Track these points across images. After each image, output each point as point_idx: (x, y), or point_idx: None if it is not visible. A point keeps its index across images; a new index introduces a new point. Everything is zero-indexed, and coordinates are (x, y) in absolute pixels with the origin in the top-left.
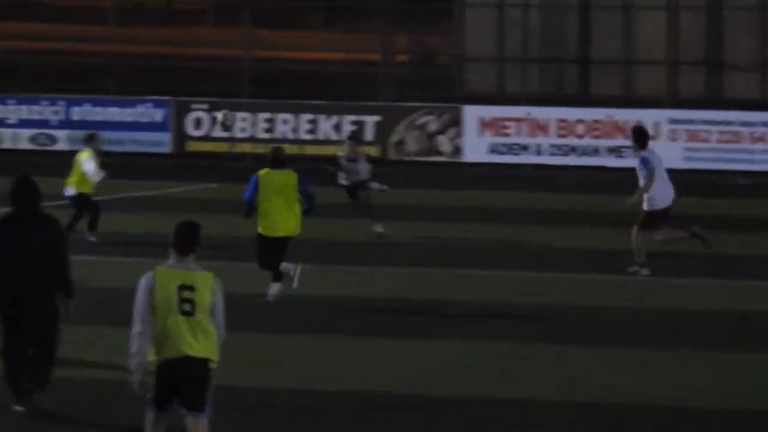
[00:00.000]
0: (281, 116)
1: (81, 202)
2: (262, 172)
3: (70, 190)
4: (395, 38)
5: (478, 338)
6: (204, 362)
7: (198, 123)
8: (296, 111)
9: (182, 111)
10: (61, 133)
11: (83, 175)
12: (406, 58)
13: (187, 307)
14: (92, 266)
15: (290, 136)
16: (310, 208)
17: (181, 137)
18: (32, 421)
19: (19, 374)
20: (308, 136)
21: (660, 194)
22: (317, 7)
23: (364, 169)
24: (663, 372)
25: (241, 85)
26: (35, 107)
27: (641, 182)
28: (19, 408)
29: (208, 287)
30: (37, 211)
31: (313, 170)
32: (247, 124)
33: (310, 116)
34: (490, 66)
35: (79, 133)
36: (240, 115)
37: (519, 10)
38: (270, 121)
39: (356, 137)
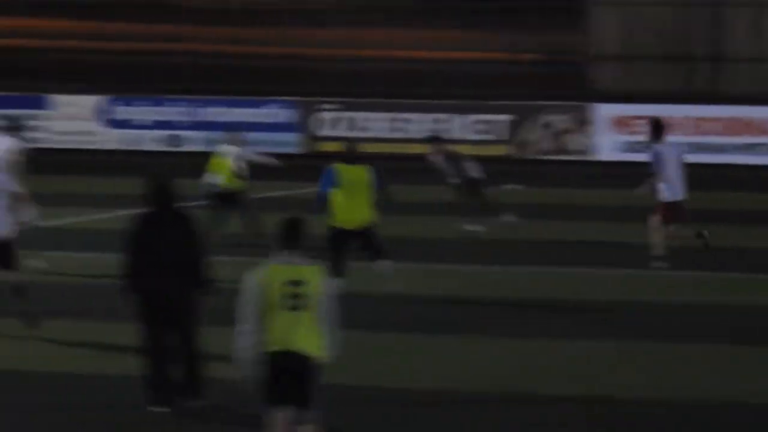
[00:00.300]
0: (412, 116)
1: (226, 200)
2: (338, 165)
3: (217, 188)
4: (526, 37)
5: (600, 337)
6: (310, 358)
7: (327, 123)
8: (427, 111)
9: (311, 112)
10: (191, 135)
11: (232, 173)
12: (536, 57)
13: (295, 302)
14: (224, 265)
15: (420, 135)
16: (386, 199)
17: (310, 138)
18: (178, 421)
19: (159, 374)
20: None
21: (669, 187)
22: (449, 7)
23: (471, 166)
24: None
25: (371, 86)
26: (165, 109)
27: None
28: (157, 409)
29: (316, 281)
30: (175, 211)
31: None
32: (377, 124)
33: (440, 116)
34: (618, 64)
35: (210, 135)
36: (371, 115)
37: (648, 8)
38: (401, 120)
39: (437, 138)
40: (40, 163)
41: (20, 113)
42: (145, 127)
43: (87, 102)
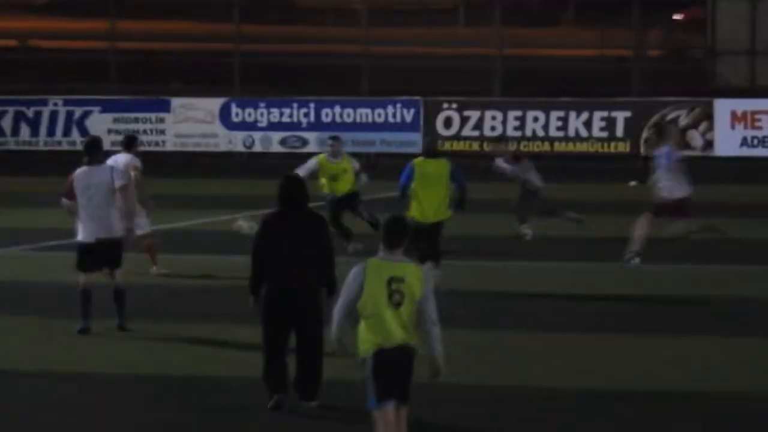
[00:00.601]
0: (531, 114)
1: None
2: (418, 160)
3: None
4: (647, 33)
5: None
6: (412, 351)
7: (448, 122)
8: (546, 108)
9: (433, 110)
10: (311, 135)
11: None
12: (658, 53)
13: (396, 298)
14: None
15: (540, 133)
16: (462, 196)
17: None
18: (294, 419)
19: (279, 373)
20: (558, 133)
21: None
22: (568, 4)
23: (533, 173)
24: None
25: (491, 84)
26: (286, 110)
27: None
28: (273, 405)
29: (416, 279)
30: (305, 210)
31: (560, 167)
32: (498, 123)
33: (560, 113)
34: (742, 59)
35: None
36: (490, 113)
37: None
38: (520, 118)
39: (503, 138)
40: (162, 165)
41: (141, 116)
42: (267, 128)
43: (208, 104)
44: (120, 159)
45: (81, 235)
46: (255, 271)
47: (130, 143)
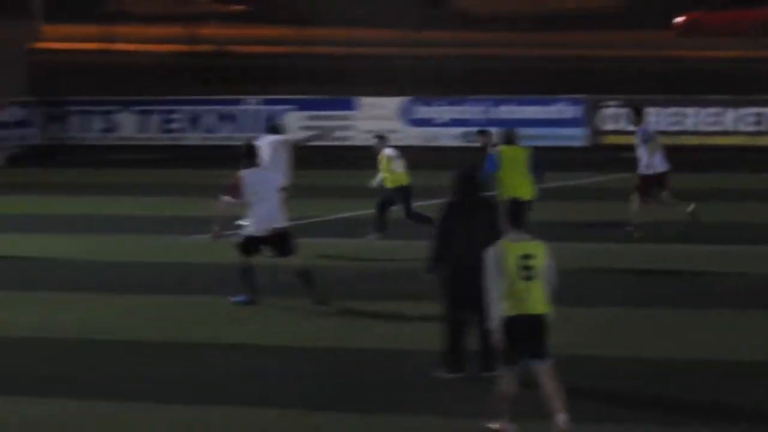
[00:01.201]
0: (687, 110)
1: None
2: (501, 148)
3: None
4: None
5: None
6: (544, 317)
7: (611, 119)
8: (701, 105)
9: (595, 108)
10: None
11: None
12: None
13: (528, 272)
14: None
15: (695, 129)
16: (538, 178)
17: (595, 132)
18: (471, 389)
19: (458, 346)
20: (712, 128)
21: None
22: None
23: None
24: None
25: (649, 83)
26: (462, 108)
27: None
28: (451, 375)
29: (543, 254)
30: (478, 199)
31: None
32: (656, 120)
33: (714, 110)
34: None
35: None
36: (650, 110)
37: None
38: (677, 115)
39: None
40: (350, 159)
41: (330, 114)
42: (443, 125)
43: (391, 103)
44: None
45: (251, 228)
46: (436, 249)
47: (274, 128)
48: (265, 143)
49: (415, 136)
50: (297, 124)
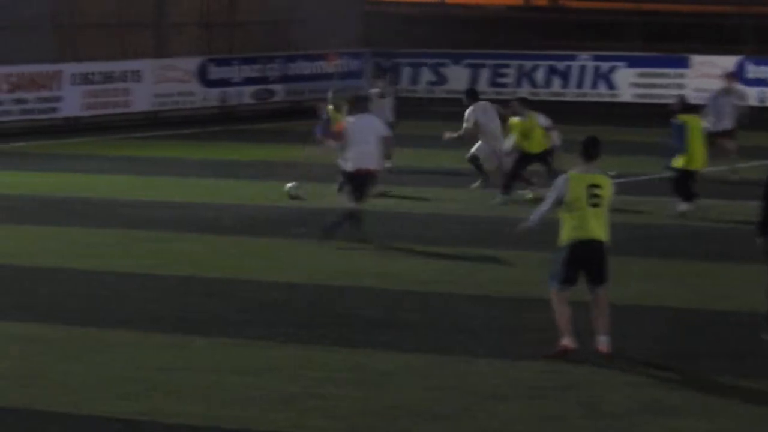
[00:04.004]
0: None
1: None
2: (685, 117)
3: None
4: None
5: None
6: (604, 244)
7: None
8: None
9: None
10: None
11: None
12: None
13: (595, 201)
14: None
15: None
16: None
17: None
18: None
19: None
20: None
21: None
22: None
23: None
24: None
25: None
26: None
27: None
28: None
29: (609, 186)
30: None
31: None
32: None
33: None
34: None
35: None
36: None
37: None
38: None
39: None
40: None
41: (661, 72)
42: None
43: (725, 62)
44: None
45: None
46: (762, 217)
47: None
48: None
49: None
50: (627, 80)
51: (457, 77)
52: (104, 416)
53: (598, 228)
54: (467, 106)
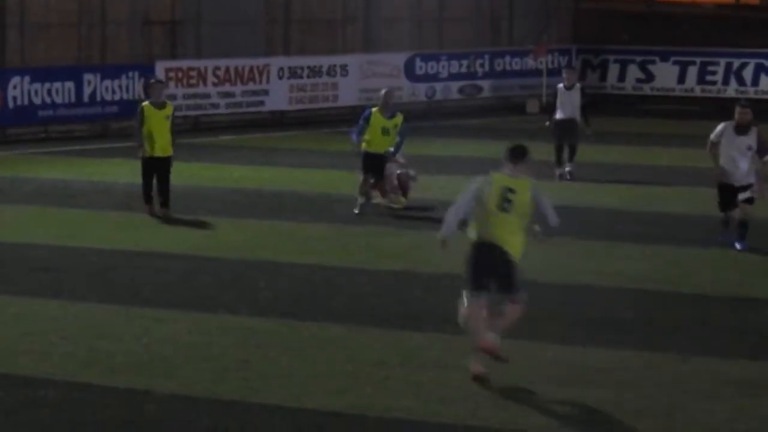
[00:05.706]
0: None
1: None
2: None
3: None
4: None
5: None
6: (511, 253)
7: None
8: None
9: None
10: None
11: None
12: None
13: (506, 205)
14: None
15: None
16: None
17: None
18: None
19: None
20: None
21: None
22: None
23: None
24: None
25: None
26: None
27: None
28: None
29: (526, 190)
30: None
31: None
32: None
33: None
34: None
35: None
36: None
37: None
38: None
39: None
40: None
41: None
42: None
43: None
44: None
45: None
46: None
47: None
48: None
49: None
50: None
51: (665, 74)
52: (317, 410)
53: (507, 235)
54: None
